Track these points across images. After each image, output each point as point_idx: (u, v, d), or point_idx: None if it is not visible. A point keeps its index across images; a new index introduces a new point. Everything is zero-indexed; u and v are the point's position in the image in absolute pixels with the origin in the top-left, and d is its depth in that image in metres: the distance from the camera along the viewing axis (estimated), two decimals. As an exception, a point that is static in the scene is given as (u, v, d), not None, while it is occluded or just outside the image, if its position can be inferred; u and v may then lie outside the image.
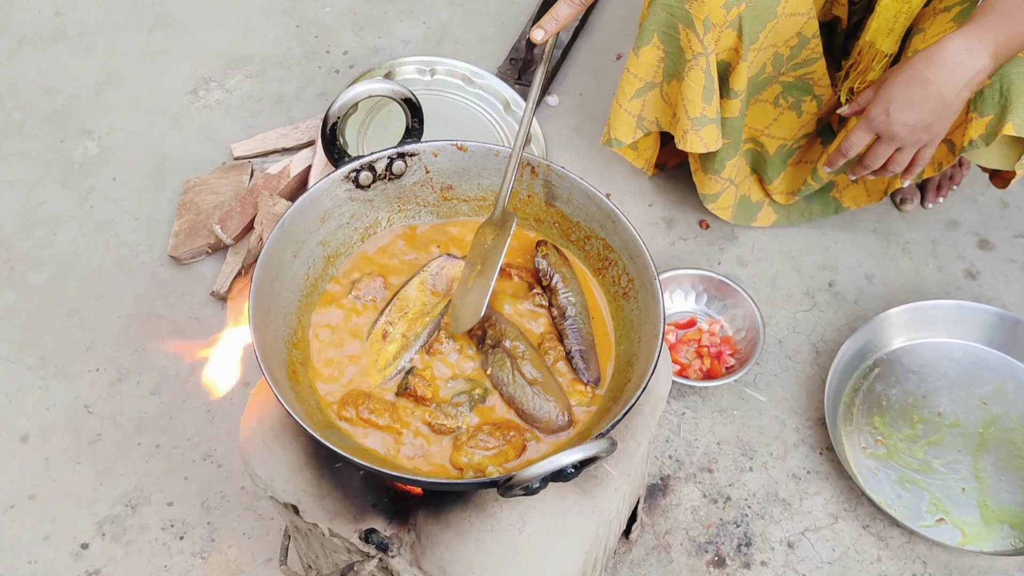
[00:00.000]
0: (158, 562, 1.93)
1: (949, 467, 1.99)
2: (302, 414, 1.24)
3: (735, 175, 2.18)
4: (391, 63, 2.54)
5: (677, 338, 2.18)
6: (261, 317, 1.31)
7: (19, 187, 2.48)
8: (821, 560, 1.93)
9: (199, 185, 2.42)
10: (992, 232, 2.36)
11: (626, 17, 2.76)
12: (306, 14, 2.82)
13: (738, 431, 2.08)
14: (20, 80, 2.68)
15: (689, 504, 1.99)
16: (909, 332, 2.15)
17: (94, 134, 2.57)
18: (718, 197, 2.22)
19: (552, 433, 1.32)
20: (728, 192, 2.21)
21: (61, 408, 2.12)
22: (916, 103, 1.72)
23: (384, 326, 1.40)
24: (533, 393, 1.33)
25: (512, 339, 1.37)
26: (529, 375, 1.35)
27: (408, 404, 1.34)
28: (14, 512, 2.00)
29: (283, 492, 1.38)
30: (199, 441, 2.07)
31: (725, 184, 2.19)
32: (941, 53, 1.68)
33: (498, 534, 1.29)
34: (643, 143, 2.25)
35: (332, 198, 1.43)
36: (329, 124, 1.40)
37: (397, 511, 1.35)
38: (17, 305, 2.28)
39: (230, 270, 2.27)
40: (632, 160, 2.29)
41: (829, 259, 2.32)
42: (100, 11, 2.83)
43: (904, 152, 1.81)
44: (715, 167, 2.14)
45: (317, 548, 1.53)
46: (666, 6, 1.91)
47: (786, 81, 2.08)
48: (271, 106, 2.62)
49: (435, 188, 1.50)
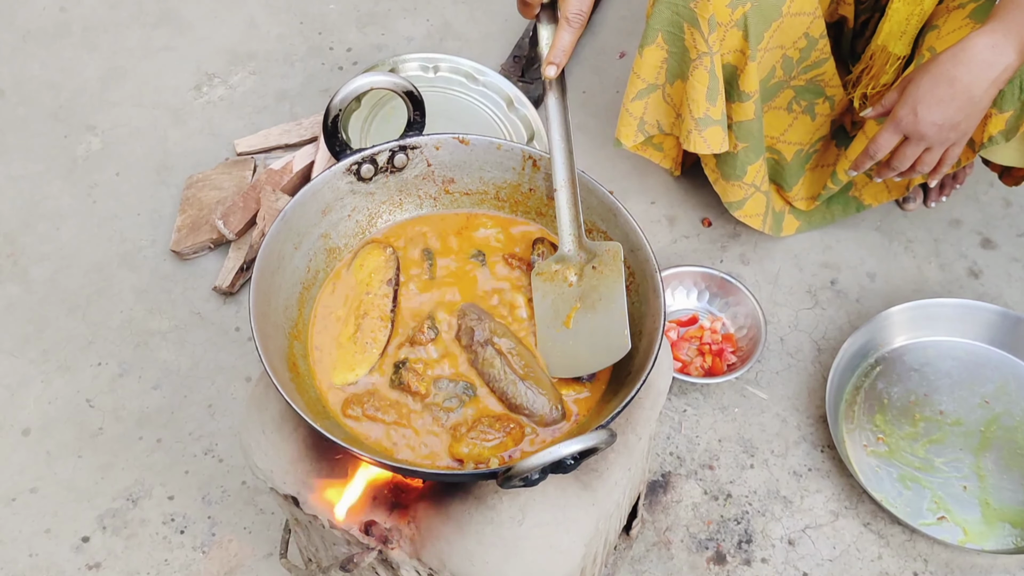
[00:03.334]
0: (159, 556, 1.94)
1: (951, 465, 1.99)
2: (302, 406, 1.25)
3: (759, 181, 2.15)
4: (394, 60, 2.54)
5: (679, 335, 2.17)
6: (262, 309, 1.31)
7: (23, 182, 2.48)
8: (822, 557, 1.92)
9: (202, 180, 2.42)
10: (995, 231, 2.36)
11: (630, 15, 2.76)
12: (310, 11, 2.82)
13: (739, 428, 2.08)
14: (24, 75, 2.69)
15: (690, 501, 1.99)
16: (911, 330, 2.14)
17: (98, 129, 2.58)
18: (744, 204, 2.19)
19: (546, 426, 1.32)
20: (755, 199, 2.18)
21: (63, 402, 2.13)
22: (944, 102, 1.70)
23: (351, 327, 1.40)
24: (525, 388, 1.33)
25: (500, 335, 1.37)
26: (520, 370, 1.34)
27: (412, 400, 1.34)
28: (15, 505, 2.00)
29: (283, 484, 1.38)
30: (200, 436, 2.07)
31: (749, 190, 2.16)
32: (968, 51, 1.66)
33: (498, 526, 1.29)
34: (668, 143, 2.24)
35: (334, 191, 1.43)
36: (331, 117, 1.40)
37: (397, 503, 1.35)
38: (20, 299, 2.28)
39: (232, 265, 2.27)
40: (659, 161, 2.27)
41: (831, 257, 2.32)
42: (104, 7, 2.83)
43: (932, 152, 1.79)
44: (736, 173, 2.12)
45: (317, 541, 1.53)
46: (671, 5, 1.90)
47: (797, 85, 2.07)
48: (274, 102, 2.62)
49: (437, 181, 1.50)
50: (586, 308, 1.35)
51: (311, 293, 1.42)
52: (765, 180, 2.18)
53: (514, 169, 1.47)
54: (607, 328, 1.33)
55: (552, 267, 1.41)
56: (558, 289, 1.39)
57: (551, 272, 1.41)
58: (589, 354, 1.33)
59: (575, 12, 1.36)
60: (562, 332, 1.35)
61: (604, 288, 1.35)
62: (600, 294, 1.35)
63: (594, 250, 1.39)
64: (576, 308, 1.35)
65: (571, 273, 1.40)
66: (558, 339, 1.36)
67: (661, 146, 2.24)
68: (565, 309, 1.37)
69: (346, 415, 1.32)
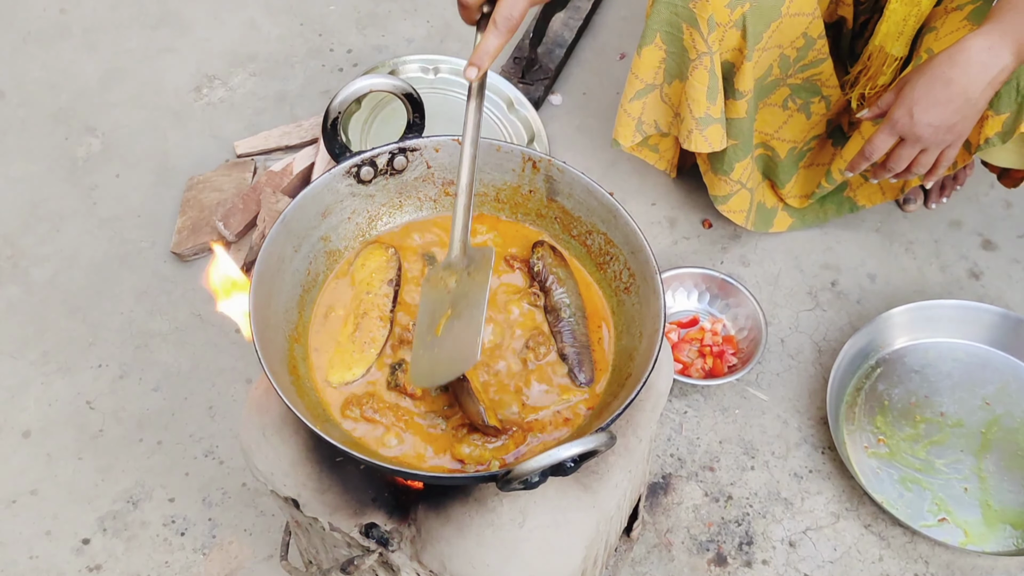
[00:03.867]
0: (159, 558, 1.94)
1: (951, 467, 1.99)
2: (302, 409, 1.24)
3: (745, 178, 2.17)
4: (395, 61, 2.54)
5: (679, 337, 2.17)
6: (261, 312, 1.30)
7: (23, 183, 2.48)
8: (823, 559, 1.92)
9: (202, 182, 2.42)
10: (995, 232, 2.35)
11: (630, 16, 2.76)
12: (310, 12, 2.82)
13: (740, 430, 2.08)
14: (25, 77, 2.69)
15: (691, 503, 1.99)
16: (912, 332, 2.14)
17: (98, 131, 2.58)
18: (728, 199, 2.20)
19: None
20: (740, 196, 2.20)
21: (63, 404, 2.13)
22: (940, 103, 1.70)
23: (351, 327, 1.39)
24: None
25: None
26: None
27: (411, 403, 1.34)
28: (16, 507, 2.00)
29: (284, 486, 1.38)
30: (200, 437, 2.07)
31: (735, 186, 2.17)
32: (963, 52, 1.66)
33: (498, 529, 1.29)
34: (663, 144, 2.24)
35: (333, 193, 1.43)
36: (330, 119, 1.40)
37: (397, 506, 1.35)
38: (20, 301, 2.28)
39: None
40: (654, 163, 2.28)
41: (832, 258, 2.31)
42: (105, 8, 2.83)
43: (928, 153, 1.79)
44: (724, 168, 2.13)
45: (317, 543, 1.53)
46: (670, 5, 1.90)
47: (794, 83, 2.07)
48: (274, 104, 2.62)
49: (436, 183, 1.50)
50: (454, 315, 1.28)
51: (311, 295, 1.42)
52: (752, 178, 2.19)
53: (514, 171, 1.47)
54: (463, 336, 1.25)
55: (439, 273, 1.35)
56: (438, 295, 1.33)
57: (436, 278, 1.35)
58: (447, 362, 1.25)
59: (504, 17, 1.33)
60: (432, 339, 1.28)
61: (472, 294, 1.28)
62: (468, 300, 1.28)
63: (472, 255, 1.33)
64: (447, 315, 1.28)
65: (452, 280, 1.33)
66: (427, 347, 1.29)
67: (657, 147, 2.24)
68: (439, 315, 1.30)
69: (344, 416, 1.32)
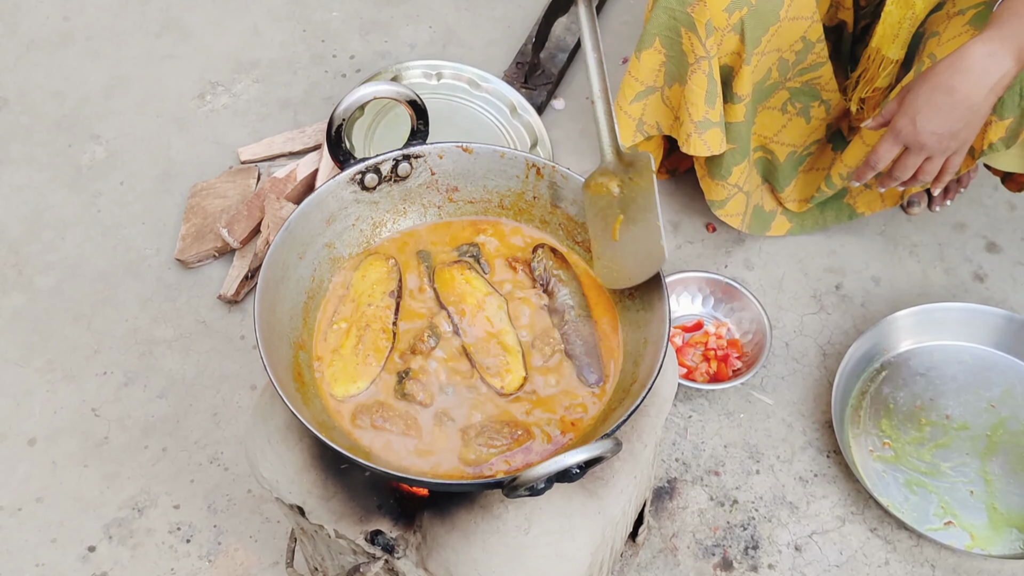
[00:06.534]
0: (165, 565, 1.94)
1: (957, 470, 1.99)
2: (308, 416, 1.24)
3: (743, 182, 2.17)
4: (397, 67, 2.54)
5: (684, 341, 2.17)
6: (266, 319, 1.31)
7: (27, 191, 2.49)
8: (828, 563, 1.92)
9: (206, 189, 2.43)
10: (1000, 235, 2.35)
11: (632, 21, 2.76)
12: (312, 19, 2.82)
13: (745, 434, 2.07)
14: (28, 85, 2.69)
15: (696, 507, 1.99)
16: (916, 335, 2.14)
17: (102, 139, 2.58)
18: (725, 204, 2.20)
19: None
20: (736, 199, 2.20)
21: (68, 411, 2.13)
22: (942, 111, 1.70)
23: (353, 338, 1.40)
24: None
25: None
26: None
27: (420, 410, 1.34)
28: (21, 515, 2.00)
29: (289, 493, 1.38)
30: (206, 444, 2.07)
31: (732, 191, 2.17)
32: (965, 59, 1.66)
33: (504, 535, 1.29)
34: (648, 147, 2.24)
35: (338, 200, 1.43)
36: (335, 126, 1.40)
37: (403, 512, 1.35)
38: (24, 309, 2.29)
39: (237, 274, 2.27)
40: None
41: (836, 262, 2.31)
42: (108, 16, 2.84)
43: (933, 161, 1.78)
44: (721, 172, 2.13)
45: (323, 550, 1.53)
46: (668, 9, 1.90)
47: (793, 87, 2.07)
48: (278, 110, 2.63)
49: (441, 190, 1.50)
50: (628, 220, 1.38)
51: (316, 303, 1.42)
52: (749, 181, 2.19)
53: (518, 177, 1.47)
54: (646, 239, 1.35)
55: (597, 179, 1.43)
56: (604, 201, 1.41)
57: (597, 184, 1.42)
58: (633, 265, 1.36)
59: None
60: (611, 243, 1.39)
61: (641, 199, 1.37)
62: (639, 205, 1.37)
63: (630, 160, 1.40)
64: (620, 220, 1.38)
65: (614, 185, 1.41)
66: (608, 250, 1.39)
67: None
68: (611, 220, 1.39)
69: (355, 425, 1.32)
